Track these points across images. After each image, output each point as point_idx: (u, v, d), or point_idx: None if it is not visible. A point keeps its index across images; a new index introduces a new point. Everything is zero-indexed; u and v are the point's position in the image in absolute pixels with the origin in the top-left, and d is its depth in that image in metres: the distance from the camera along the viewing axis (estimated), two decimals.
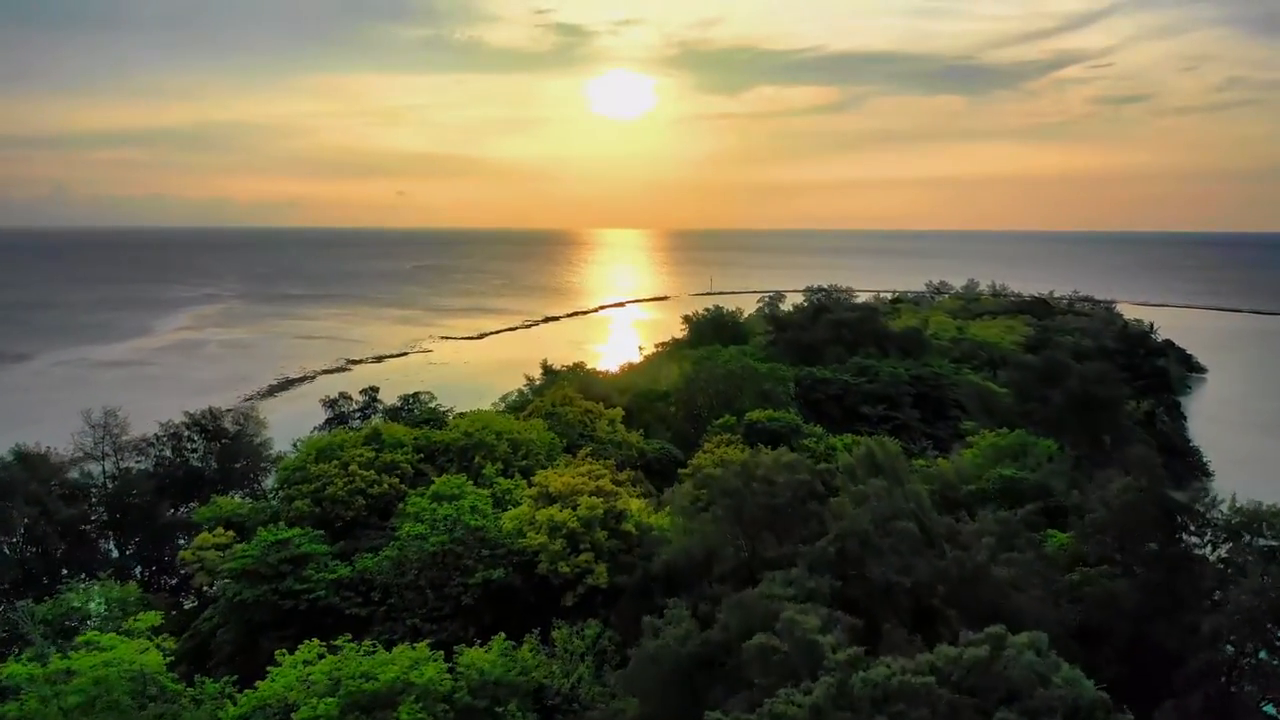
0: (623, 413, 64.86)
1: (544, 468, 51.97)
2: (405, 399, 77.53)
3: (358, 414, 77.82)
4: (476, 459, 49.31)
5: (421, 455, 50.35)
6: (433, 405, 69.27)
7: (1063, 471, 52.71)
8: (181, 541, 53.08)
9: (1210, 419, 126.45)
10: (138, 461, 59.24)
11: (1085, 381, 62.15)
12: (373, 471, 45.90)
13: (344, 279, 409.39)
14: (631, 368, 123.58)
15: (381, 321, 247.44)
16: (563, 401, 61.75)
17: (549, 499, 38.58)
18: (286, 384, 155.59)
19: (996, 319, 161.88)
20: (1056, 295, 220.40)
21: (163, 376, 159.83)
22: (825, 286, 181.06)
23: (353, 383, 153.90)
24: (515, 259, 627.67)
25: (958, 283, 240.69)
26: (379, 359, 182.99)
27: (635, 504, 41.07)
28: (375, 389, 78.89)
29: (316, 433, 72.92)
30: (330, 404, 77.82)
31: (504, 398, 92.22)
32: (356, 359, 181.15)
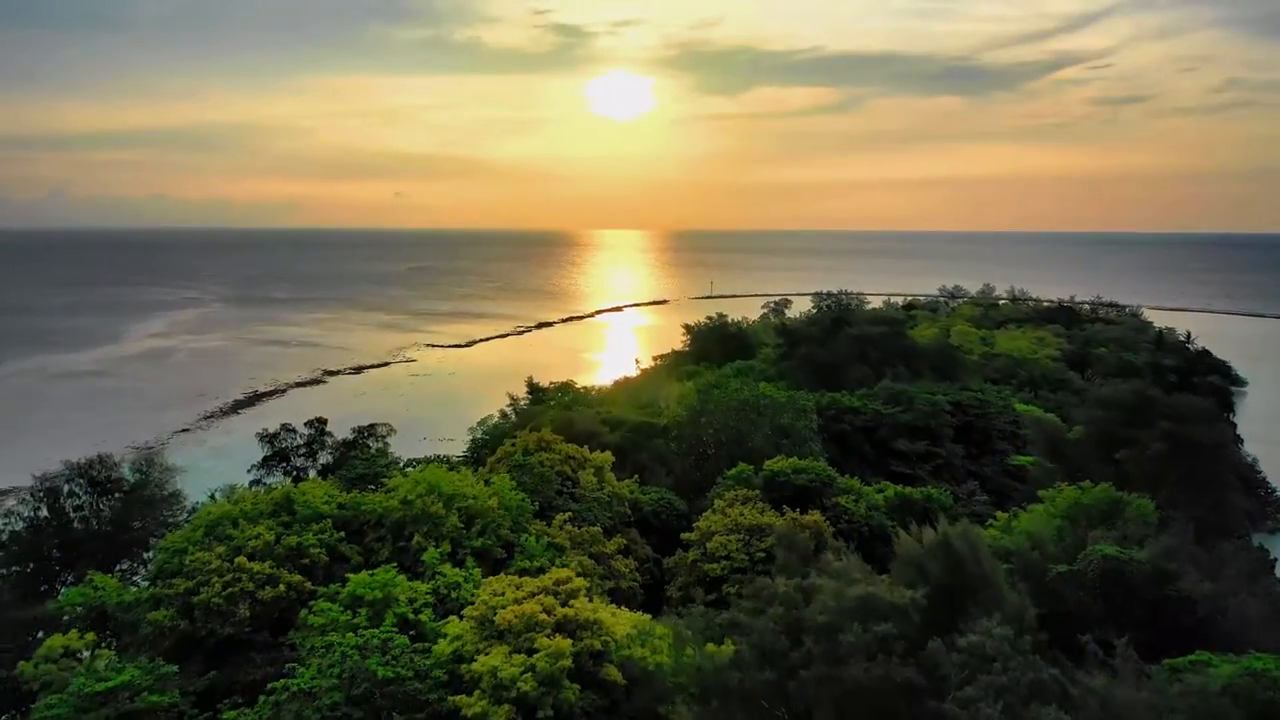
0: (612, 457, 52.66)
1: (507, 545, 39.94)
2: (359, 431, 65.69)
3: (302, 450, 65.81)
4: (416, 538, 37.11)
5: (344, 533, 38.13)
6: (374, 453, 56.96)
7: (1180, 547, 40.56)
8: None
9: (1263, 440, 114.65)
10: (4, 523, 46.98)
11: (1184, 421, 50.16)
12: (268, 564, 33.60)
13: (334, 281, 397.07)
14: (627, 383, 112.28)
15: (366, 327, 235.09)
16: (537, 447, 49.41)
17: (495, 632, 26.29)
18: (254, 398, 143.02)
19: (1022, 328, 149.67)
20: (1078, 300, 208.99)
21: (119, 391, 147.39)
22: (834, 292, 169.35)
23: (327, 396, 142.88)
24: (512, 260, 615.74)
25: (968, 286, 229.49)
26: (358, 369, 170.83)
27: (624, 623, 28.86)
28: (323, 420, 66.47)
29: (251, 474, 61.38)
30: (269, 439, 65.29)
31: (481, 422, 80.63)
32: (334, 370, 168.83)
